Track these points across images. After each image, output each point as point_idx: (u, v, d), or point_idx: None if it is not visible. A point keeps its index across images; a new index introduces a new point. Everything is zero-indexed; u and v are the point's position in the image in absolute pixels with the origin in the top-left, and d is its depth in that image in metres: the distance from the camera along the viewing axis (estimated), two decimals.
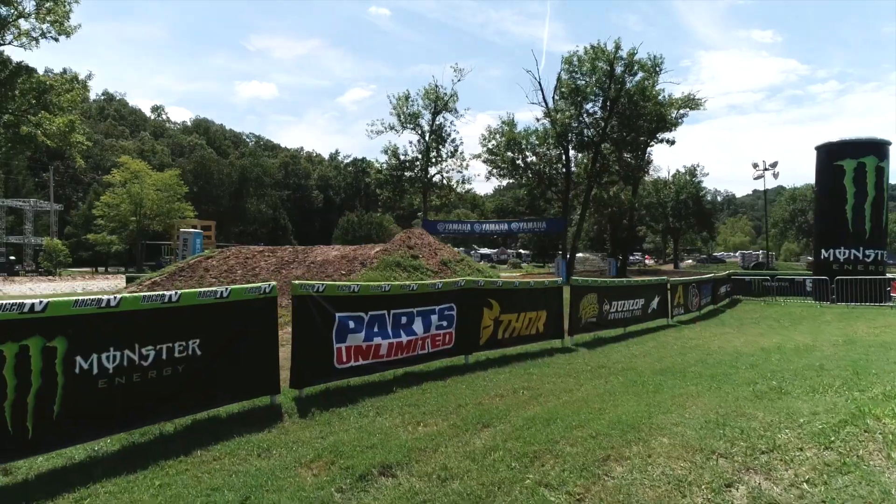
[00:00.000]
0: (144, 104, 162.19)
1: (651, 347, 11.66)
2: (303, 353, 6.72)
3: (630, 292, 14.29)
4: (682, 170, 70.07)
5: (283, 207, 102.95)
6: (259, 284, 6.28)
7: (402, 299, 7.97)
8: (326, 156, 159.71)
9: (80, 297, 4.97)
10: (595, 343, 11.96)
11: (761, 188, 53.02)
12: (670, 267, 74.11)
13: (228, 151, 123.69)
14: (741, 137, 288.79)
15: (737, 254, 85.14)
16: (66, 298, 4.87)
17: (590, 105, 37.39)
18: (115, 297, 5.06)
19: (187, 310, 5.63)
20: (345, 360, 7.16)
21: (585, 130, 37.05)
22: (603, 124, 36.91)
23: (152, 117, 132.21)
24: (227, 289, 6.03)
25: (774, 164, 36.88)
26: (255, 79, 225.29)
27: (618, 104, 36.02)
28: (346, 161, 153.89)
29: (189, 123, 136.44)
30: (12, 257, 44.84)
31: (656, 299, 15.49)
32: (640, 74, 36.61)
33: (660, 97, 36.93)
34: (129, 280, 24.28)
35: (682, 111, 39.09)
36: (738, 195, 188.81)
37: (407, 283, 8.43)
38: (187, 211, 66.27)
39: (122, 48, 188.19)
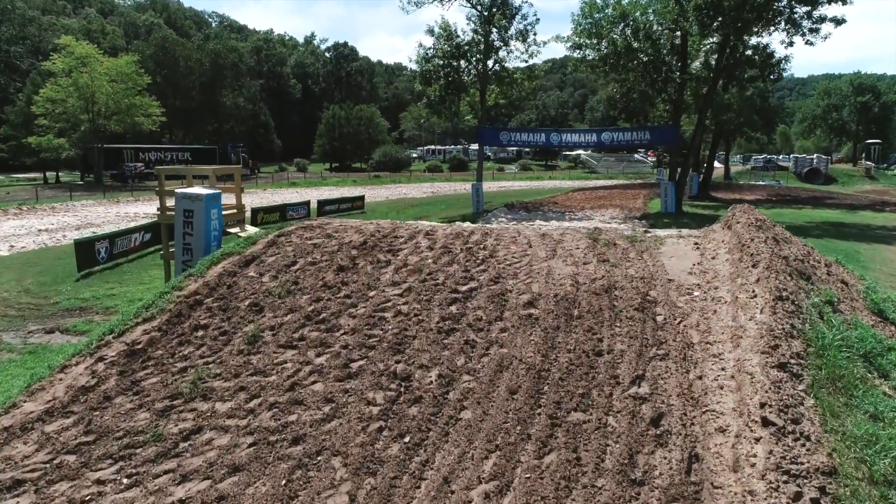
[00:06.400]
0: None
1: None
2: None
3: None
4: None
5: (261, 100, 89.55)
6: None
7: None
8: (301, 39, 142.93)
9: None
10: None
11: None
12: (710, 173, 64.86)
13: (191, 33, 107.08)
14: None
15: (786, 157, 76.22)
16: None
17: None
18: None
19: None
20: None
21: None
22: None
23: None
24: None
25: None
26: None
27: None
28: (323, 45, 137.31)
29: (143, 0, 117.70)
30: None
31: None
32: None
33: None
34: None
35: None
36: None
37: None
38: (151, 107, 53.92)
39: None
